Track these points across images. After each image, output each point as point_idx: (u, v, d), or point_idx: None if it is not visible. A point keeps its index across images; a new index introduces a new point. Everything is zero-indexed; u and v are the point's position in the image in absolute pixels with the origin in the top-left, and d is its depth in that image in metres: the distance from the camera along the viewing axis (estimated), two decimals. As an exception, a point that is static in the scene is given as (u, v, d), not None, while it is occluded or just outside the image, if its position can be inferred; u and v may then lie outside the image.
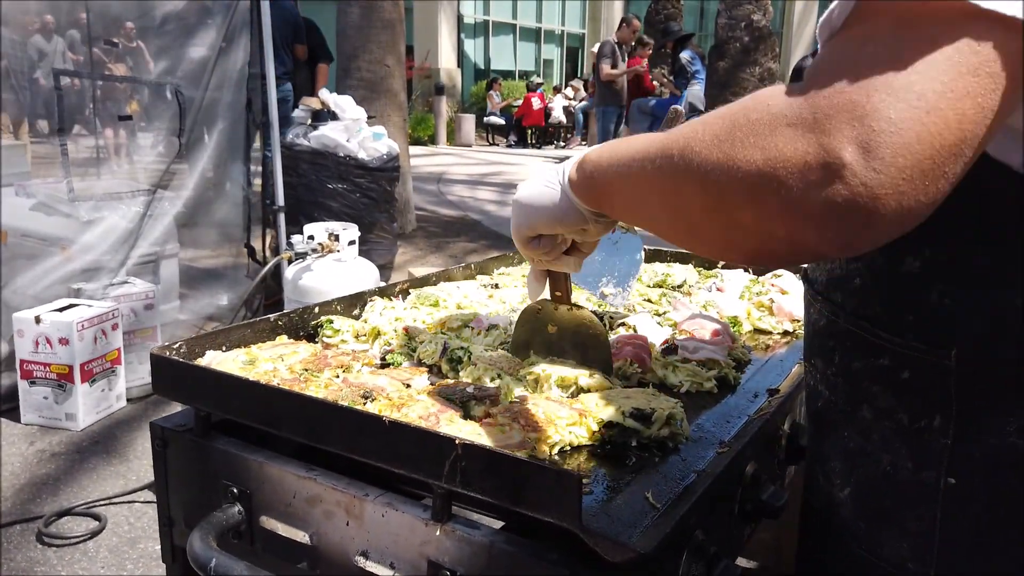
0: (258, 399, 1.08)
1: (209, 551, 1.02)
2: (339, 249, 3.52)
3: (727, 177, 0.62)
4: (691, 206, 0.68)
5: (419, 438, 0.93)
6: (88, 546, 2.63)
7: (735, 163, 0.61)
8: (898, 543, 0.80)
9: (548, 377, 1.19)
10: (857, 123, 0.55)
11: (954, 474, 0.75)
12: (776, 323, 1.61)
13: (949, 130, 0.55)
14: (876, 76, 0.55)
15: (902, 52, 0.55)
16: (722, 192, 0.63)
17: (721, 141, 0.63)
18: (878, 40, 0.57)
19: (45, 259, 3.77)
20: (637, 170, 0.75)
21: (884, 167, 0.54)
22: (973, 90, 0.55)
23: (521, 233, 0.98)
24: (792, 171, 0.57)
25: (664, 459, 1.05)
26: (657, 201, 0.74)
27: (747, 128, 0.61)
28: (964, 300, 0.72)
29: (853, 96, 0.55)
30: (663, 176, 0.70)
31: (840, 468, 0.86)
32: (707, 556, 0.96)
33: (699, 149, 0.65)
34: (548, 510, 0.84)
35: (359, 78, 6.65)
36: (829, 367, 0.86)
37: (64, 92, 3.78)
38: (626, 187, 0.79)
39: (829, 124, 0.56)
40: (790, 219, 0.59)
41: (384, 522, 1.00)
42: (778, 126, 0.59)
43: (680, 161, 0.67)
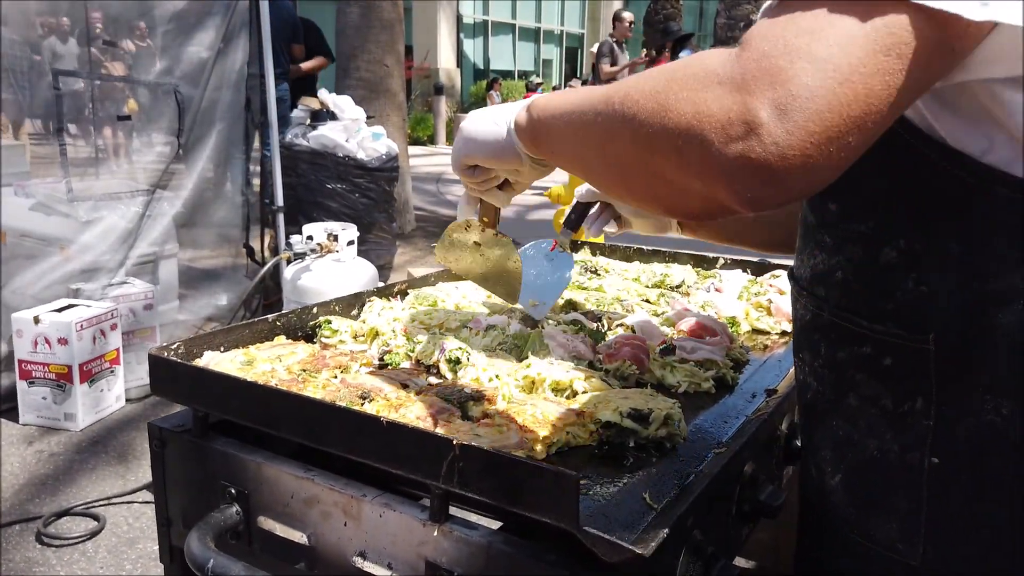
0: (256, 400, 1.08)
1: (207, 551, 1.02)
2: (338, 249, 3.52)
3: (657, 126, 0.65)
4: (622, 154, 0.72)
5: (417, 439, 0.93)
6: (87, 546, 2.63)
7: (667, 114, 0.65)
8: (887, 525, 0.83)
9: (543, 381, 1.20)
10: (779, 86, 0.59)
11: (937, 454, 0.78)
12: (774, 323, 1.61)
13: (857, 103, 0.59)
14: (801, 45, 0.59)
15: (828, 25, 0.59)
16: (651, 141, 0.67)
17: (657, 92, 0.66)
18: (808, 12, 0.61)
19: (44, 259, 3.77)
20: (577, 117, 0.79)
21: (795, 129, 0.58)
22: (883, 68, 0.59)
23: (460, 161, 1.02)
24: (715, 125, 0.61)
25: (662, 459, 1.05)
26: (593, 148, 0.77)
27: (682, 82, 0.65)
28: (938, 286, 0.75)
29: (778, 61, 0.60)
30: (600, 124, 0.73)
31: (830, 457, 0.89)
32: (705, 556, 0.97)
33: (636, 97, 0.68)
34: (546, 511, 0.84)
35: (358, 78, 6.65)
36: (816, 359, 0.89)
37: (63, 92, 3.78)
38: (566, 133, 0.82)
39: (754, 85, 0.60)
40: (707, 171, 0.63)
41: (382, 522, 1.00)
42: (710, 83, 0.63)
43: (619, 108, 0.70)
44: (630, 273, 1.94)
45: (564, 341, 1.31)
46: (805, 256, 0.89)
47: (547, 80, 23.17)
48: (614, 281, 1.85)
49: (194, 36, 4.37)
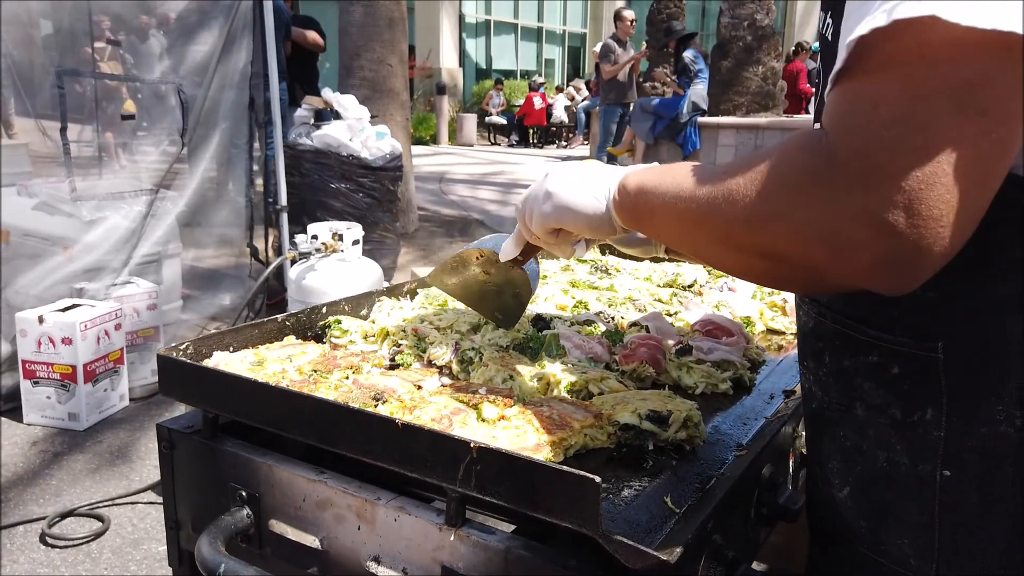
0: (268, 401, 1.07)
1: (217, 556, 1.00)
2: (343, 249, 3.50)
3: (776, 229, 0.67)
4: (743, 247, 0.73)
5: (433, 441, 0.92)
6: (91, 547, 2.61)
7: (782, 217, 0.66)
8: (899, 539, 0.81)
9: (558, 382, 1.18)
10: (890, 183, 0.59)
11: (949, 466, 0.76)
12: (789, 323, 1.59)
13: (972, 171, 0.59)
14: (895, 138, 0.60)
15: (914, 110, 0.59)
16: (773, 241, 0.68)
17: (763, 197, 0.68)
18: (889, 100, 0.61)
19: (48, 259, 3.76)
20: (685, 210, 0.79)
21: (923, 221, 0.59)
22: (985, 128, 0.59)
23: (547, 224, 1.00)
24: (839, 230, 0.62)
25: (681, 462, 1.03)
26: (706, 239, 0.78)
27: (786, 188, 0.66)
28: (947, 292, 0.73)
29: (881, 160, 0.60)
30: (711, 220, 0.75)
31: (838, 468, 0.87)
32: (726, 560, 0.95)
33: (743, 201, 0.70)
34: (566, 515, 0.82)
35: (362, 77, 6.63)
36: (820, 367, 0.87)
37: (66, 91, 3.76)
38: (673, 221, 0.83)
39: (864, 186, 0.61)
40: (842, 269, 0.65)
41: (396, 526, 0.98)
42: (816, 185, 0.64)
43: (726, 208, 0.72)
44: (641, 272, 1.92)
45: (580, 342, 1.29)
46: None
47: (549, 80, 23.15)
48: (625, 281, 1.83)
49: (197, 36, 4.35)
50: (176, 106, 4.19)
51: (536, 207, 1.01)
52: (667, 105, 9.00)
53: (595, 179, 0.95)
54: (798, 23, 24.13)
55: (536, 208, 1.01)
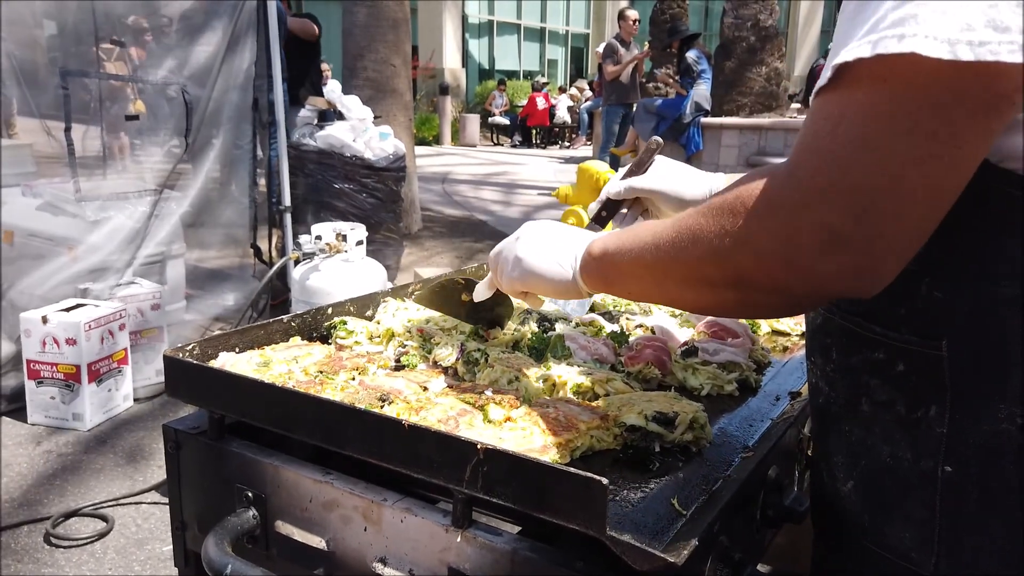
0: (274, 401, 1.07)
1: (224, 556, 1.00)
2: (347, 249, 3.51)
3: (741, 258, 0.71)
4: (714, 282, 0.76)
5: (440, 442, 0.92)
6: (95, 547, 2.62)
7: (746, 246, 0.70)
8: (901, 533, 0.83)
9: (564, 384, 1.18)
10: (843, 199, 0.64)
11: (951, 462, 0.78)
12: (794, 324, 1.58)
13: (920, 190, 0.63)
14: (850, 156, 0.63)
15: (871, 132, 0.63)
16: (740, 270, 0.72)
17: (727, 231, 0.72)
18: (850, 120, 0.64)
19: (52, 259, 3.77)
20: (651, 260, 0.83)
21: (874, 234, 0.64)
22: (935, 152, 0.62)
23: (515, 288, 1.06)
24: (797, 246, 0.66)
25: (688, 463, 1.03)
26: (676, 283, 0.82)
27: (747, 215, 0.70)
28: (953, 292, 0.75)
29: (834, 175, 0.64)
30: (680, 263, 0.79)
31: (843, 462, 0.88)
32: (732, 562, 0.95)
33: (709, 239, 0.74)
34: (573, 517, 0.82)
35: (365, 78, 6.64)
36: (828, 364, 0.89)
37: (70, 92, 3.77)
38: (643, 274, 0.86)
39: (820, 203, 0.65)
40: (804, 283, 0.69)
41: (403, 528, 0.98)
42: (775, 207, 0.68)
43: (693, 250, 0.76)
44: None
45: (585, 343, 1.29)
46: None
47: (552, 80, 23.15)
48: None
49: (201, 36, 4.36)
50: (180, 107, 4.20)
51: (505, 269, 1.06)
52: (670, 106, 8.99)
53: (563, 247, 0.99)
54: (802, 23, 24.10)
55: (505, 270, 1.06)
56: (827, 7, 24.32)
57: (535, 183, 11.44)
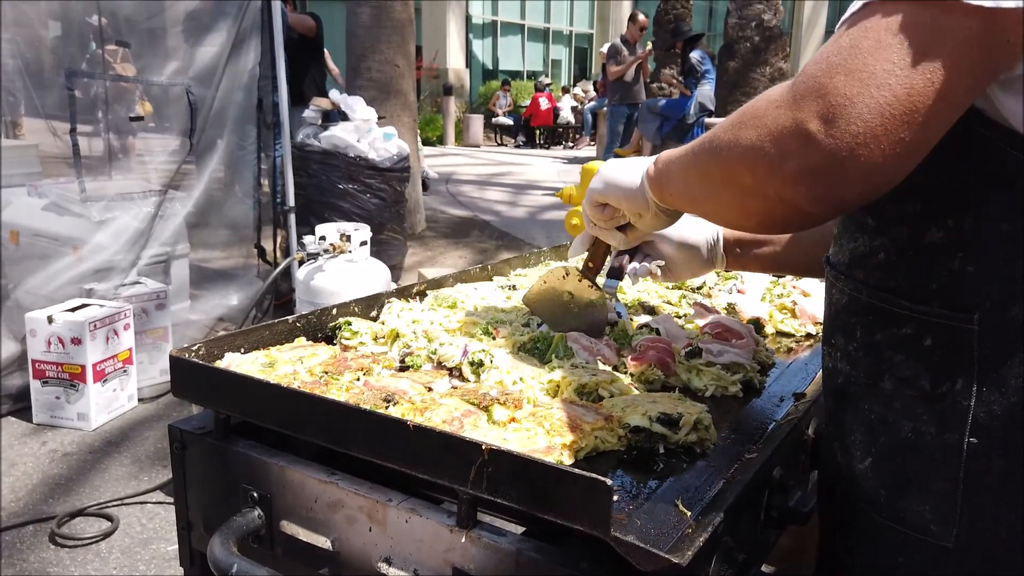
0: (280, 402, 1.07)
1: (230, 556, 1.01)
2: (351, 249, 3.51)
3: (733, 151, 0.77)
4: (713, 179, 0.84)
5: (444, 442, 0.92)
6: (100, 547, 2.63)
7: (738, 139, 0.76)
8: (920, 507, 0.84)
9: (568, 385, 1.18)
10: (820, 99, 0.68)
11: (976, 434, 0.79)
12: (799, 325, 1.58)
13: (898, 102, 0.65)
14: (839, 61, 0.68)
15: (862, 39, 0.67)
16: (730, 163, 0.78)
17: (732, 125, 0.78)
18: (848, 33, 0.70)
19: (57, 259, 3.78)
20: (685, 160, 0.92)
21: (840, 133, 0.66)
22: (924, 67, 0.65)
23: (594, 196, 1.14)
24: (774, 141, 0.71)
25: (692, 465, 1.03)
26: (694, 181, 0.91)
27: (751, 113, 0.76)
28: (986, 265, 0.77)
29: (820, 79, 0.69)
30: (697, 159, 0.88)
31: (861, 440, 0.90)
32: (736, 563, 0.95)
33: (719, 133, 0.81)
34: (577, 518, 0.82)
35: (369, 78, 6.65)
36: (851, 343, 0.90)
37: (75, 92, 3.78)
38: (679, 174, 0.95)
39: (802, 102, 0.69)
40: (775, 179, 0.72)
41: (408, 528, 0.98)
42: (769, 108, 0.73)
43: (707, 145, 0.84)
44: (649, 274, 1.92)
45: (588, 344, 1.30)
46: (844, 240, 0.91)
47: (556, 80, 23.14)
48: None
49: (206, 37, 4.37)
50: (185, 107, 4.21)
51: (590, 186, 1.14)
52: (674, 106, 9.00)
53: (639, 161, 1.07)
54: (806, 24, 24.06)
55: (590, 187, 1.14)
56: (831, 7, 24.28)
57: (539, 183, 11.44)
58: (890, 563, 0.89)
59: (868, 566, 0.92)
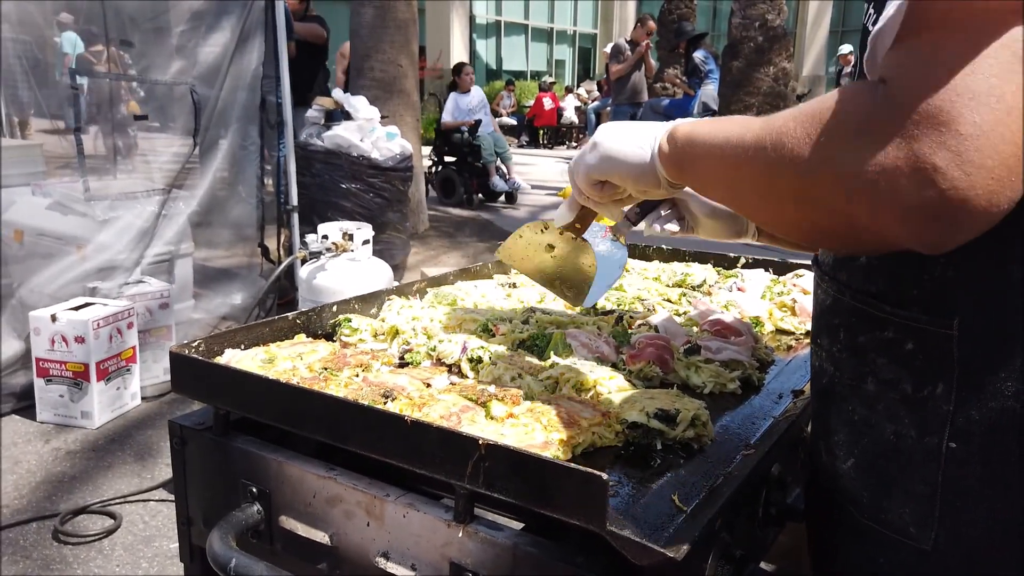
0: (279, 398, 1.07)
1: (229, 551, 1.01)
2: (353, 248, 3.52)
3: (818, 170, 0.67)
4: (783, 194, 0.73)
5: (442, 438, 0.92)
6: (103, 544, 2.64)
7: (828, 162, 0.66)
8: (901, 509, 0.83)
9: (566, 381, 1.18)
10: (943, 128, 0.58)
11: (955, 438, 0.78)
12: (799, 323, 1.58)
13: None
14: (956, 82, 0.58)
15: (977, 56, 0.58)
16: (816, 185, 0.68)
17: (813, 141, 0.67)
18: (950, 46, 0.60)
19: (61, 258, 3.79)
20: (731, 155, 0.79)
21: (974, 170, 0.58)
22: None
23: (591, 176, 0.99)
24: (884, 174, 0.61)
25: (689, 461, 1.03)
26: (749, 186, 0.79)
27: (836, 130, 0.66)
28: (967, 271, 0.75)
29: (937, 103, 0.59)
30: (757, 165, 0.75)
31: (844, 441, 0.89)
32: (734, 559, 0.95)
33: (792, 146, 0.69)
34: (574, 512, 0.83)
35: (372, 78, 6.66)
36: (835, 344, 0.89)
37: (81, 90, 3.80)
38: (717, 168, 0.83)
39: (917, 131, 0.59)
40: (883, 218, 0.63)
41: (405, 523, 0.99)
42: (868, 130, 0.63)
43: (774, 154, 0.72)
44: (650, 272, 1.92)
45: (587, 341, 1.30)
46: None
47: (559, 80, 23.13)
48: (634, 280, 1.83)
49: (210, 36, 4.38)
50: (189, 106, 4.22)
51: (582, 159, 1.00)
52: (677, 106, 8.99)
53: (642, 130, 0.95)
54: (810, 23, 24.02)
55: (582, 160, 1.00)
56: (836, 7, 24.24)
57: (542, 183, 11.44)
58: (872, 563, 0.88)
59: (852, 565, 0.92)
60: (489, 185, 9.33)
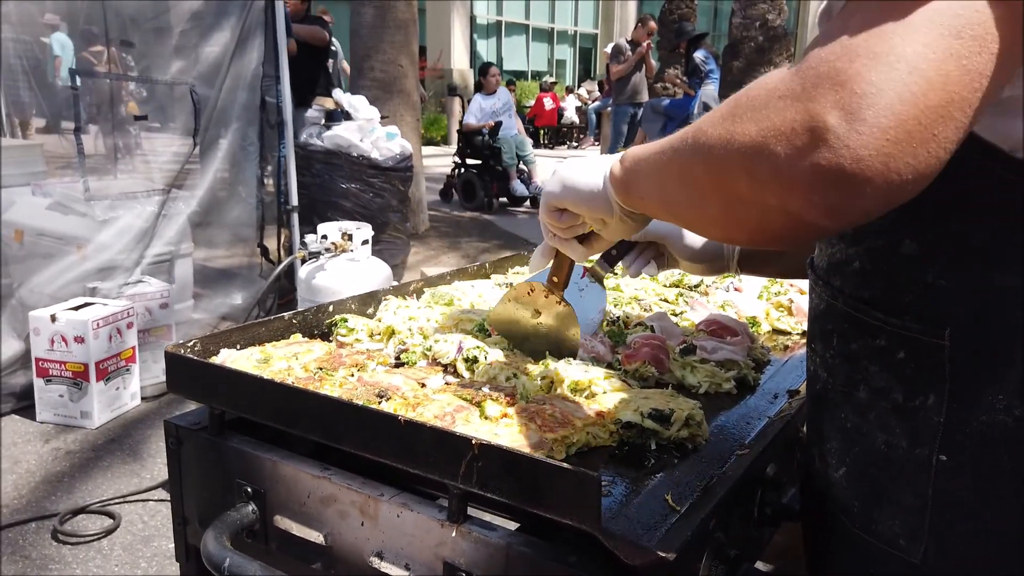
0: (273, 397, 1.08)
1: (223, 551, 1.01)
2: (352, 249, 3.52)
3: (726, 150, 0.66)
4: (698, 183, 0.73)
5: (435, 438, 0.92)
6: (102, 544, 2.64)
7: (733, 136, 0.65)
8: (891, 520, 0.82)
9: (561, 381, 1.18)
10: (839, 87, 0.57)
11: (946, 451, 0.77)
12: (795, 323, 1.58)
13: (933, 90, 0.55)
14: (859, 43, 0.57)
15: (884, 18, 0.57)
16: (721, 164, 0.67)
17: (724, 118, 0.67)
18: (863, 10, 0.59)
19: (61, 258, 3.79)
20: (658, 157, 0.81)
21: (867, 128, 0.55)
22: (957, 51, 0.56)
23: (550, 203, 1.03)
24: (780, 138, 0.60)
25: (683, 460, 1.03)
26: (674, 185, 0.79)
27: (746, 104, 0.65)
28: (959, 281, 0.74)
29: (837, 64, 0.58)
30: (678, 158, 0.76)
31: (837, 448, 0.88)
32: (728, 559, 0.95)
33: (706, 128, 0.69)
34: (567, 512, 0.83)
35: (372, 78, 6.66)
36: (828, 350, 0.88)
37: (80, 91, 3.80)
38: (652, 174, 0.84)
39: (815, 91, 0.58)
40: (781, 186, 0.61)
41: (399, 522, 0.99)
42: (771, 99, 0.62)
43: (691, 142, 0.72)
44: (647, 272, 1.92)
45: (583, 341, 1.30)
46: (824, 245, 0.88)
47: (560, 80, 23.13)
48: (631, 280, 1.83)
49: (210, 36, 4.38)
50: (189, 106, 4.22)
51: (545, 189, 1.04)
52: (678, 106, 8.98)
53: (599, 160, 0.96)
54: (811, 23, 23.99)
55: (545, 190, 1.04)
56: (837, 7, 24.17)
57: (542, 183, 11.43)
58: (863, 574, 0.87)
59: (844, 574, 0.91)
60: (509, 189, 9.17)
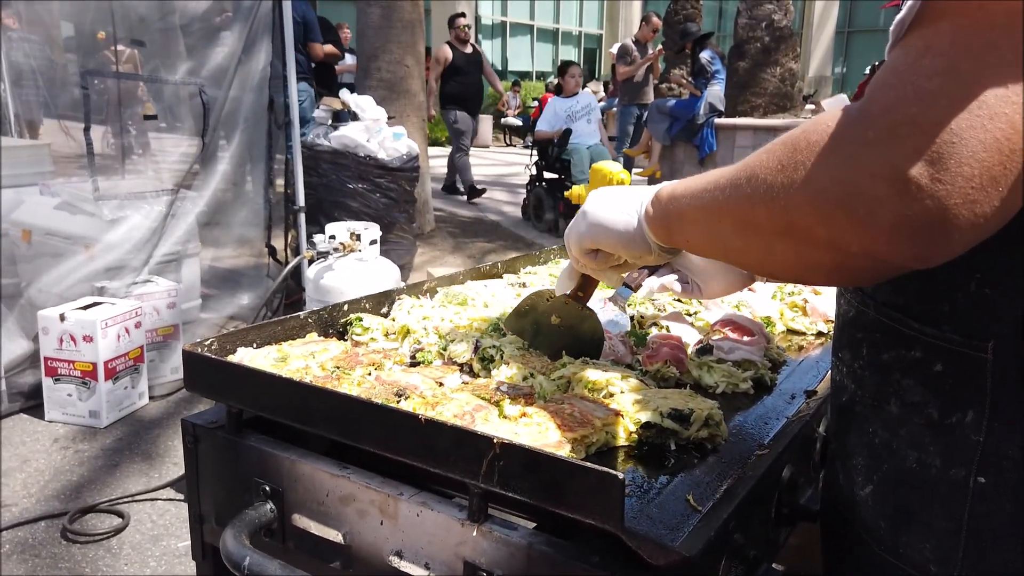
0: (292, 396, 1.07)
1: (243, 549, 1.01)
2: (360, 249, 3.52)
3: (794, 198, 0.64)
4: (762, 229, 0.70)
5: (456, 436, 0.92)
6: (112, 543, 2.65)
7: (800, 183, 0.63)
8: (921, 544, 0.78)
9: (579, 380, 1.18)
10: (919, 136, 0.55)
11: (984, 472, 0.72)
12: (810, 324, 1.58)
13: (1017, 134, 0.54)
14: (934, 87, 0.56)
15: (958, 61, 0.56)
16: (790, 213, 0.65)
17: (783, 164, 0.65)
18: (936, 50, 0.57)
19: (69, 258, 3.81)
20: (710, 201, 0.77)
21: (950, 177, 0.55)
22: None
23: (583, 244, 1.00)
24: (858, 188, 0.58)
25: (703, 460, 1.03)
26: (730, 229, 0.76)
27: (806, 149, 0.63)
28: (1004, 290, 0.70)
29: (911, 110, 0.56)
30: (733, 204, 0.73)
31: (863, 465, 0.84)
32: (747, 559, 0.95)
33: (763, 175, 0.67)
34: (589, 512, 0.82)
35: (379, 78, 6.67)
36: (857, 360, 0.84)
37: (90, 92, 3.81)
38: (700, 218, 0.80)
39: (890, 140, 0.57)
40: (863, 235, 0.60)
41: (419, 522, 0.99)
42: (840, 145, 0.60)
43: (748, 188, 0.70)
44: (660, 273, 1.92)
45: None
46: None
47: (565, 81, 23.12)
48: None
49: (218, 37, 4.39)
50: (198, 107, 4.23)
51: (575, 227, 1.01)
52: (684, 106, 8.97)
53: (630, 196, 0.93)
54: (816, 23, 23.97)
55: (574, 229, 1.01)
56: (842, 7, 24.20)
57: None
58: None
59: None
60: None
